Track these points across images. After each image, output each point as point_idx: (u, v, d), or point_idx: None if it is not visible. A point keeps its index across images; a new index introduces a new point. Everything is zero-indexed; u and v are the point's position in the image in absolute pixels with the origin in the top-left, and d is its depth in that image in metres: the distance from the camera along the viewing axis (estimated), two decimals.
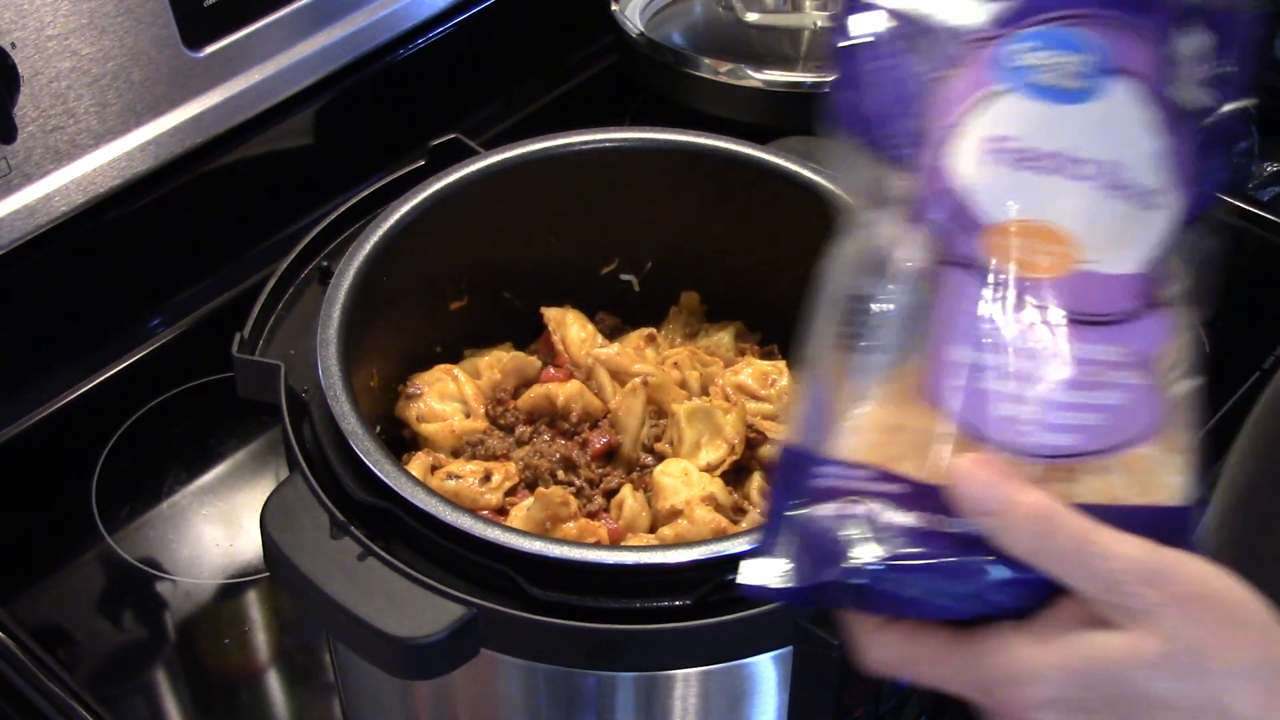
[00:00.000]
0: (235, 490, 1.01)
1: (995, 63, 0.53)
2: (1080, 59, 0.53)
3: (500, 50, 1.26)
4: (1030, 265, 0.51)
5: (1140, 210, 0.53)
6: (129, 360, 1.04)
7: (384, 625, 0.62)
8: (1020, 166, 0.52)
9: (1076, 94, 0.53)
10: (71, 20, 0.93)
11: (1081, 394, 0.51)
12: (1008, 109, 0.52)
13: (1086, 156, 0.52)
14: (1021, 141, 0.52)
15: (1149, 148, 0.54)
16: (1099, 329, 0.52)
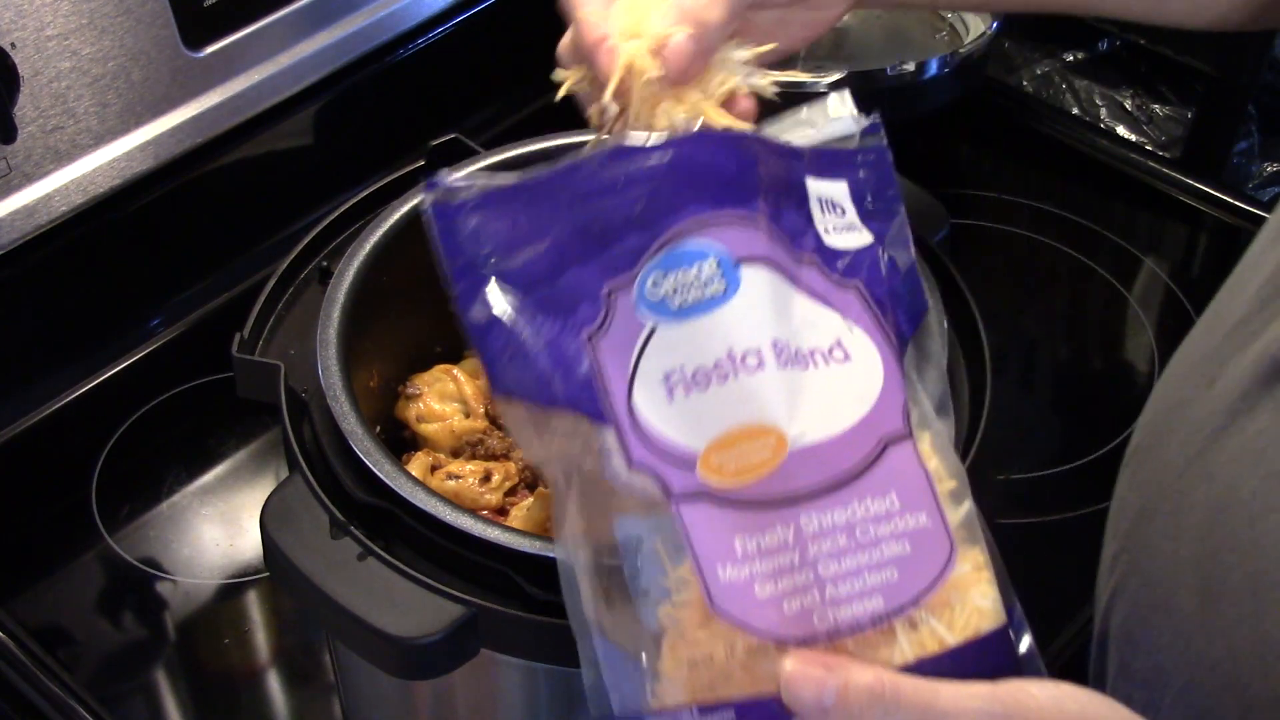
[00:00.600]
0: (235, 490, 1.01)
1: (637, 305, 0.54)
2: (704, 266, 0.54)
3: (500, 50, 1.26)
4: (750, 468, 0.52)
5: (828, 368, 0.54)
6: (129, 360, 1.04)
7: (384, 625, 0.62)
8: (699, 387, 0.53)
9: (717, 298, 0.54)
10: (71, 20, 0.93)
11: (863, 556, 0.52)
12: (666, 341, 0.53)
13: (749, 347, 0.53)
14: (689, 365, 0.53)
15: (803, 311, 0.55)
16: (846, 491, 0.52)
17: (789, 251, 0.56)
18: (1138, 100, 1.38)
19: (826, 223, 0.58)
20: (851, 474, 0.53)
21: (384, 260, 0.78)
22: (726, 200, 0.55)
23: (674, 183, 0.55)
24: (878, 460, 0.53)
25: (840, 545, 0.52)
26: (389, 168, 0.85)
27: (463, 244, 0.56)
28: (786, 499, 0.52)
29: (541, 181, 0.56)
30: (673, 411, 0.53)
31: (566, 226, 0.55)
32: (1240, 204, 1.20)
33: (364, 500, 0.67)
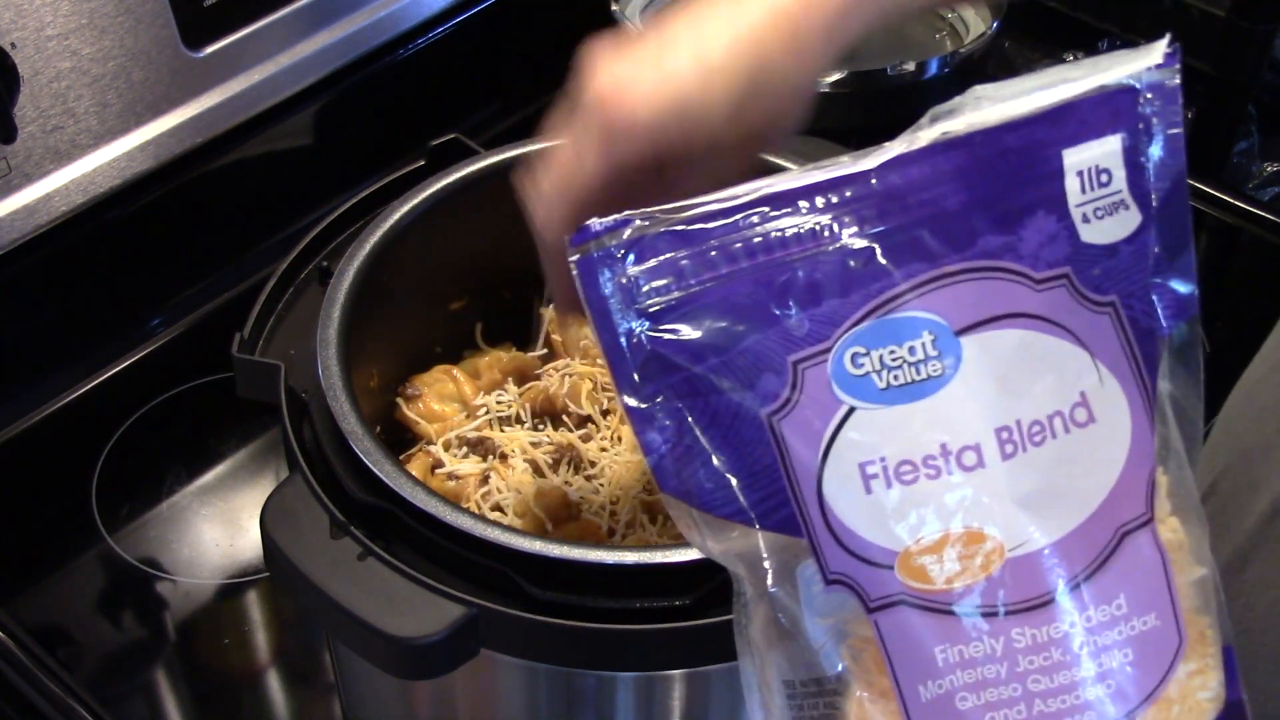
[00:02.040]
0: (235, 490, 1.01)
1: (833, 382, 0.46)
2: (918, 343, 0.46)
3: (500, 50, 1.26)
4: (958, 575, 0.46)
5: (1067, 438, 0.47)
6: (129, 360, 1.04)
7: (384, 625, 0.62)
8: (903, 482, 0.46)
9: (932, 381, 0.46)
10: (71, 20, 0.93)
11: (1080, 671, 0.46)
12: (866, 426, 0.46)
13: (967, 442, 0.46)
14: (893, 456, 0.46)
15: (1043, 359, 0.47)
16: (1069, 597, 0.46)
17: (1029, 283, 0.47)
18: None
19: (1087, 207, 0.48)
20: (1074, 581, 0.47)
21: (384, 260, 0.78)
22: (948, 249, 0.46)
23: (888, 230, 0.46)
24: (1109, 559, 0.47)
25: (1055, 660, 0.46)
26: (389, 168, 0.85)
27: (612, 306, 0.47)
28: (998, 610, 0.46)
29: (711, 226, 0.47)
30: (870, 505, 0.46)
31: (744, 284, 0.46)
32: (1240, 204, 1.20)
33: (364, 500, 0.67)
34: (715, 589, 0.63)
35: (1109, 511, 0.47)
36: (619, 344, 0.47)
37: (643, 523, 0.77)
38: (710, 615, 0.63)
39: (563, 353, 0.87)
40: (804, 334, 0.46)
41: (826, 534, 0.46)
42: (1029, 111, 0.48)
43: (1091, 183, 0.48)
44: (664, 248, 0.47)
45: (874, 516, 0.46)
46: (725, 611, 0.63)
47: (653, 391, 0.47)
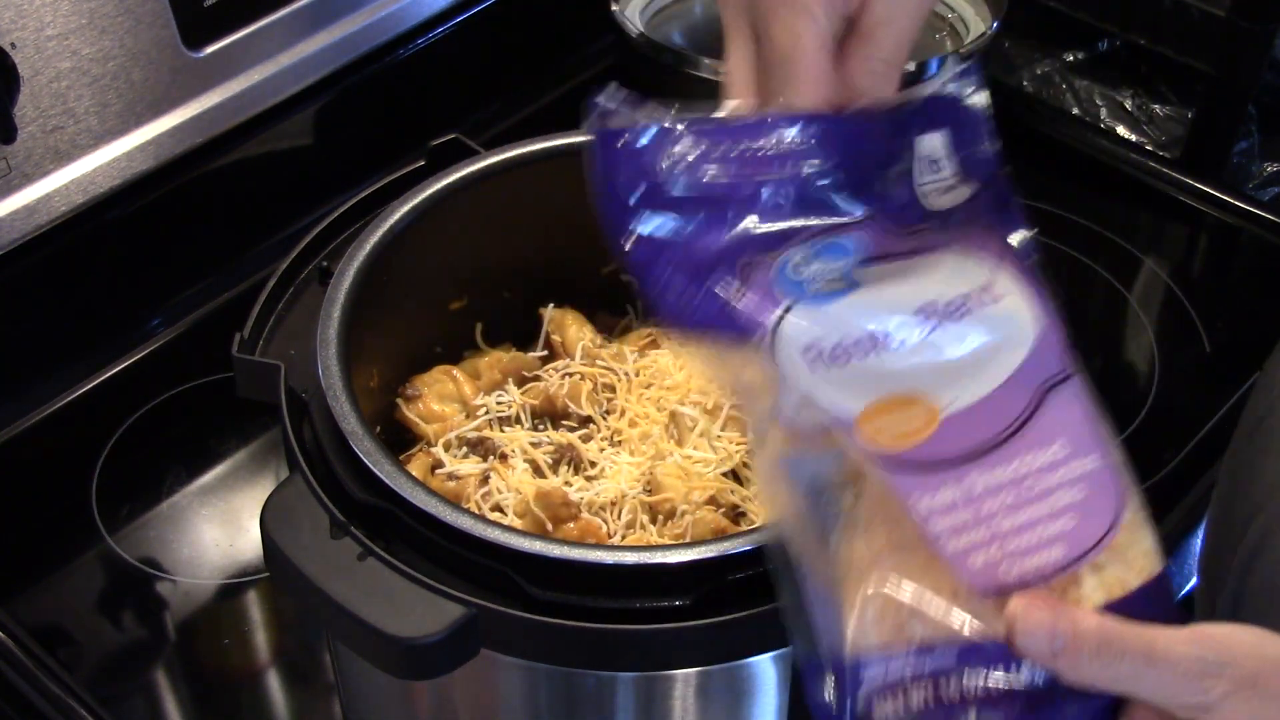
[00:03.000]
0: (235, 490, 1.01)
1: (775, 282, 0.54)
2: (842, 262, 0.55)
3: (500, 50, 1.26)
4: (906, 435, 0.52)
5: (981, 312, 0.54)
6: (129, 360, 1.04)
7: (384, 625, 0.62)
8: (839, 362, 0.53)
9: (849, 289, 0.54)
10: (71, 20, 0.93)
11: (1039, 508, 0.51)
12: (803, 319, 0.54)
13: (891, 323, 0.53)
14: (828, 341, 0.53)
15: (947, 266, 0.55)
16: (1007, 448, 0.52)
17: (904, 232, 0.56)
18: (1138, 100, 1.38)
19: (926, 187, 0.58)
20: (1010, 430, 0.52)
21: (384, 260, 0.78)
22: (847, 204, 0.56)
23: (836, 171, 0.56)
24: (1039, 409, 0.53)
25: (1011, 500, 0.51)
26: (389, 168, 0.85)
27: (624, 173, 0.58)
28: (948, 461, 0.52)
29: (722, 130, 0.57)
30: (818, 382, 0.52)
31: (722, 185, 0.56)
32: (1240, 204, 1.20)
33: (364, 500, 0.67)
34: (715, 589, 0.63)
35: (1032, 367, 0.53)
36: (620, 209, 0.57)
37: (643, 523, 0.77)
38: (710, 615, 0.63)
39: (563, 353, 0.87)
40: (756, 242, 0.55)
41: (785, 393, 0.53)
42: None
43: (926, 168, 0.58)
44: (676, 138, 0.57)
45: (823, 390, 0.53)
46: (725, 611, 0.63)
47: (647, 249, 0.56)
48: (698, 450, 0.80)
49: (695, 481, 0.78)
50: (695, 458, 0.79)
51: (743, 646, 0.66)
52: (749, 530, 0.66)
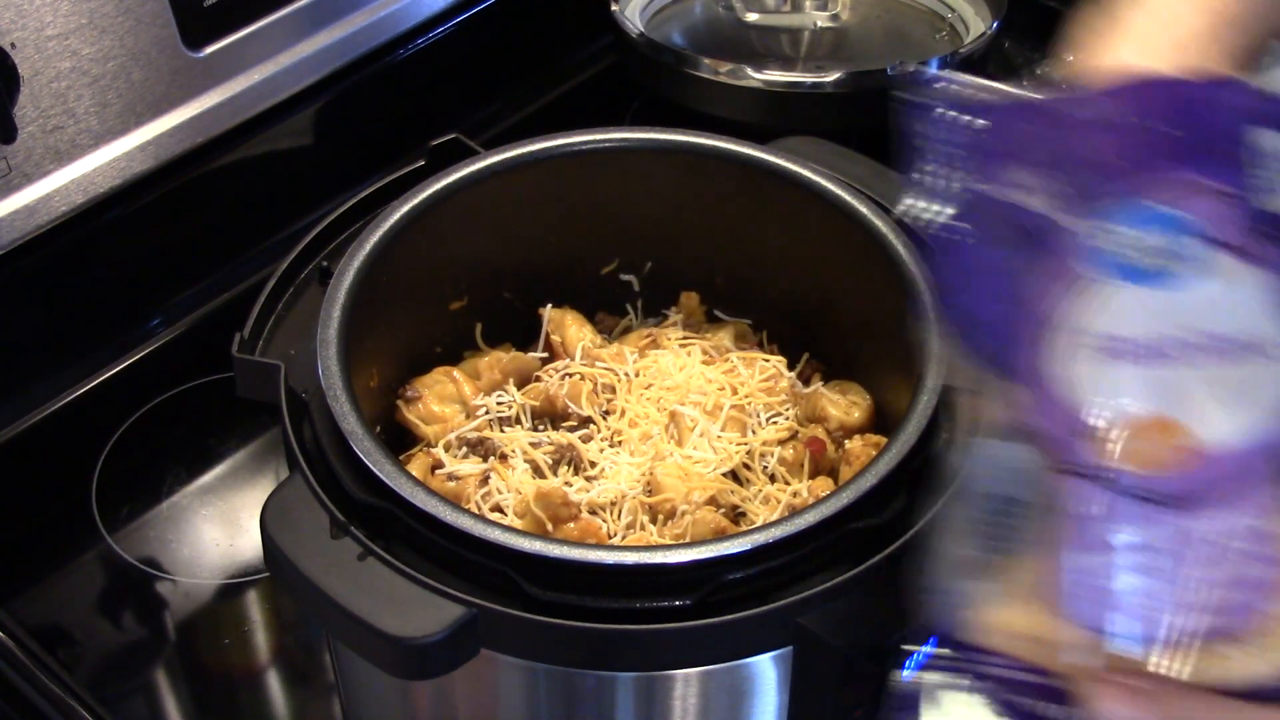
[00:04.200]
0: (235, 490, 1.01)
1: (1085, 248, 0.50)
2: (1175, 237, 0.50)
3: (500, 50, 1.26)
4: (1149, 460, 0.49)
5: (1255, 363, 0.50)
6: (129, 360, 1.04)
7: (384, 625, 0.62)
8: (1127, 359, 0.49)
9: (1179, 276, 0.50)
10: (71, 20, 0.93)
11: (1231, 570, 0.49)
12: (1108, 299, 0.50)
13: (1199, 337, 0.49)
14: (1125, 332, 0.50)
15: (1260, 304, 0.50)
16: (1223, 507, 0.49)
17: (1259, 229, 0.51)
18: None
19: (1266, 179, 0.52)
20: (1254, 485, 0.49)
21: (384, 260, 0.78)
22: (1210, 167, 0.50)
23: (1153, 132, 0.51)
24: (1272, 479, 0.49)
25: (1212, 555, 0.48)
26: (389, 168, 0.85)
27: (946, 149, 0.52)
28: (1177, 499, 0.49)
29: (1019, 106, 0.53)
30: (1090, 373, 0.50)
31: (1036, 156, 0.51)
32: None
33: (364, 500, 0.67)
34: (715, 589, 0.64)
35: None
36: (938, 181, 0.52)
37: (643, 523, 0.77)
38: (710, 615, 0.63)
39: (563, 353, 0.87)
40: (1089, 210, 0.50)
41: (1038, 393, 0.49)
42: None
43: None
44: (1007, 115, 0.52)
45: (1091, 385, 0.49)
46: (725, 611, 0.63)
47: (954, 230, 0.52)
48: (698, 450, 0.80)
49: (695, 481, 0.78)
50: (695, 458, 0.80)
51: (743, 646, 0.66)
52: (749, 530, 0.66)
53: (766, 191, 0.84)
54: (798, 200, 0.82)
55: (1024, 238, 0.51)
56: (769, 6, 1.28)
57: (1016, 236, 0.51)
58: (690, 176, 0.86)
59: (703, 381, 0.84)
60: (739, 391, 0.84)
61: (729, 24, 1.27)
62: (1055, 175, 0.51)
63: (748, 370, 0.85)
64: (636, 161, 0.86)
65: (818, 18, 1.27)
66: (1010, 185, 0.52)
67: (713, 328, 0.90)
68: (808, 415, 0.84)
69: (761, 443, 0.82)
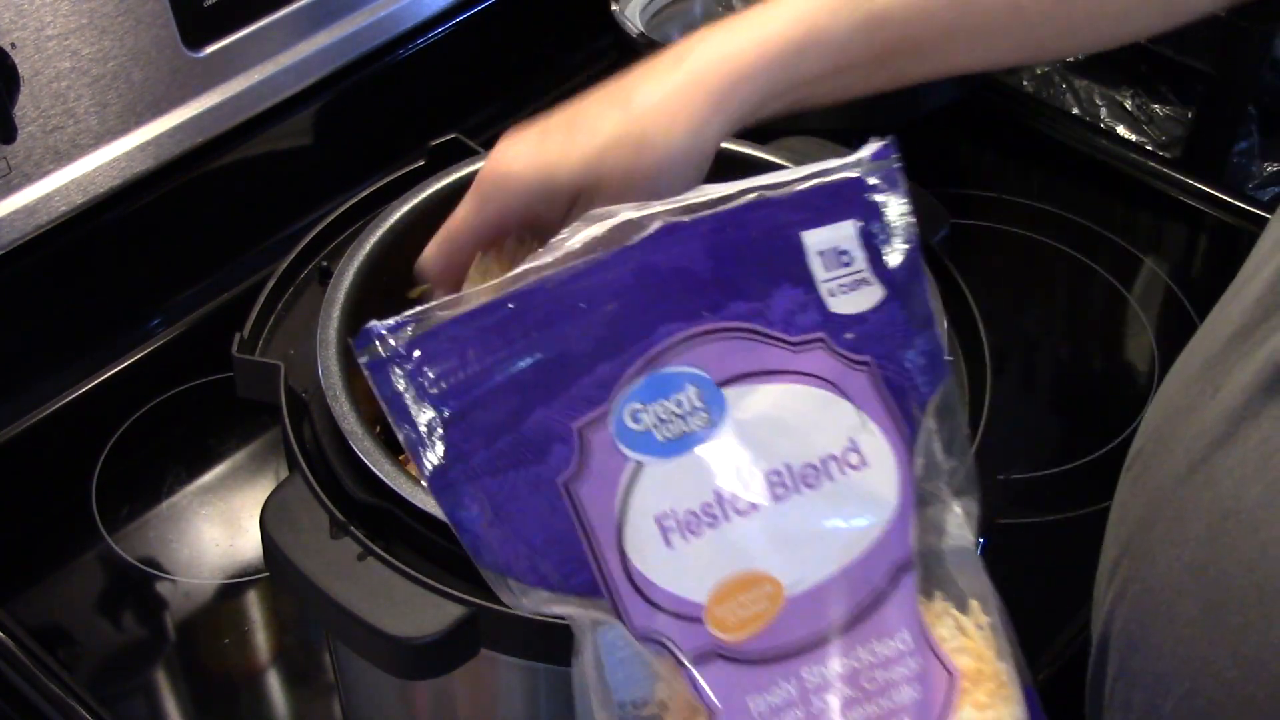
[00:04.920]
0: (235, 490, 1.01)
1: (617, 439, 0.49)
2: (685, 396, 0.49)
3: (500, 50, 1.26)
4: (749, 620, 0.48)
5: (843, 479, 0.49)
6: (129, 360, 1.04)
7: (384, 625, 0.62)
8: (693, 533, 0.48)
9: (700, 432, 0.49)
10: (71, 20, 0.93)
11: (871, 707, 0.48)
12: (655, 479, 0.48)
13: (737, 488, 0.48)
14: (681, 507, 0.48)
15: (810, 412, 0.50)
16: (849, 637, 0.48)
17: (785, 345, 0.50)
18: (1138, 100, 1.38)
19: (832, 283, 0.52)
20: (855, 616, 0.48)
21: (384, 260, 0.78)
22: (702, 308, 0.50)
23: (641, 297, 0.50)
24: (888, 594, 0.49)
25: (847, 697, 0.47)
26: (389, 168, 0.85)
27: (407, 401, 0.50)
28: (787, 652, 0.48)
29: (487, 313, 0.50)
30: (672, 558, 0.48)
31: (522, 361, 0.50)
32: (1240, 204, 1.20)
33: (364, 500, 0.67)
34: None
35: (883, 550, 0.49)
36: (417, 435, 0.50)
37: None
38: None
39: None
40: (583, 399, 0.49)
41: (632, 593, 0.48)
42: (768, 195, 0.53)
43: (833, 262, 0.52)
44: (445, 340, 0.50)
45: (677, 569, 0.48)
46: None
47: (455, 477, 0.50)
48: None
49: None
50: None
51: None
52: None
53: None
54: None
55: (534, 452, 0.49)
56: None
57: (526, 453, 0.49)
58: None
59: None
60: None
61: None
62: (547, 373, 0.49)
63: None
64: None
65: None
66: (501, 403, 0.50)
67: None
68: None
69: None
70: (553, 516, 0.49)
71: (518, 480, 0.49)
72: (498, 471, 0.49)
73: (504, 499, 0.49)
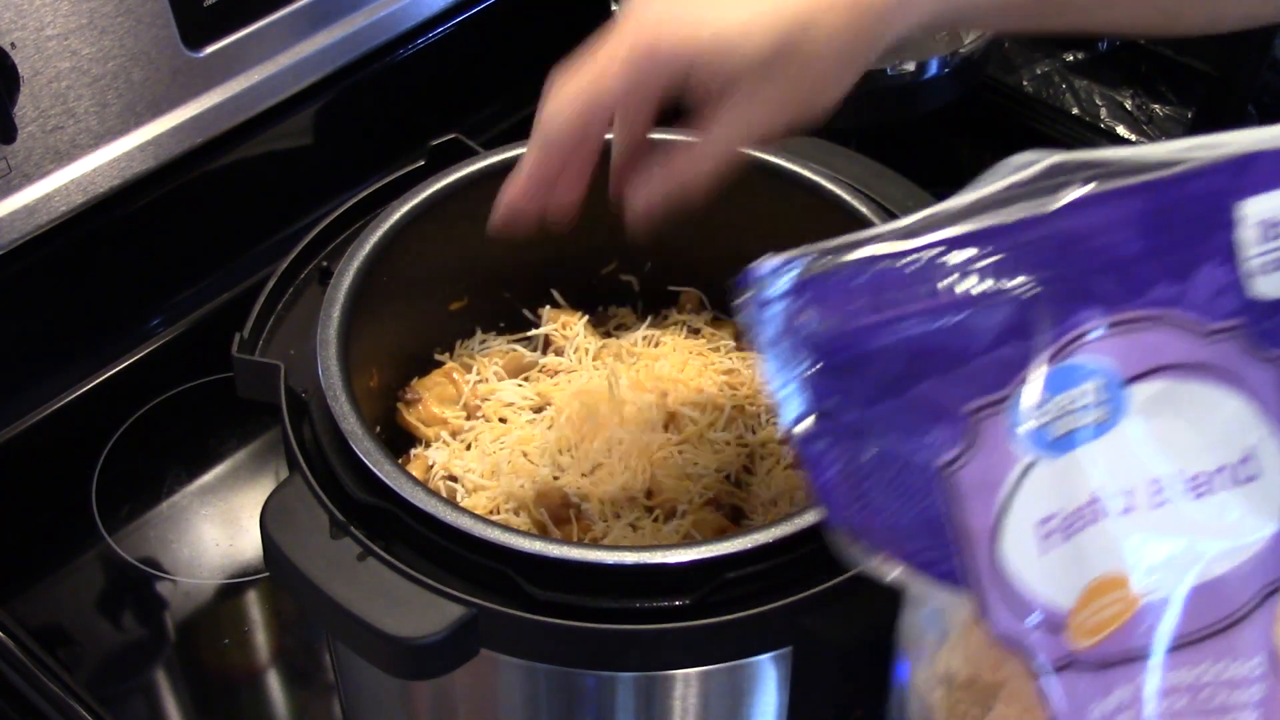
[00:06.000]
0: (235, 490, 1.01)
1: (1010, 433, 0.45)
2: (1088, 389, 0.46)
3: (500, 50, 1.26)
4: (1103, 624, 0.45)
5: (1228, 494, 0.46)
6: (129, 360, 1.04)
7: (384, 625, 0.62)
8: (1068, 536, 0.45)
9: (1095, 428, 0.45)
10: (71, 20, 0.93)
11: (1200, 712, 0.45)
12: (1044, 480, 0.45)
13: (1120, 487, 0.45)
14: (1066, 509, 0.45)
15: (1213, 417, 0.46)
16: (1204, 646, 0.46)
17: (1200, 334, 0.46)
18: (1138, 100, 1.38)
19: (1262, 258, 0.47)
20: (1211, 631, 0.46)
21: (384, 260, 0.78)
22: (1123, 292, 0.45)
23: (1061, 274, 0.45)
24: (1251, 614, 0.46)
25: (1182, 707, 0.45)
26: (389, 168, 0.85)
27: (782, 344, 0.46)
28: (1131, 657, 0.45)
29: (885, 263, 0.46)
30: (1045, 563, 0.45)
31: (919, 324, 0.45)
32: None
33: (364, 500, 0.67)
34: (715, 589, 0.63)
35: (1257, 568, 0.46)
36: (787, 380, 0.46)
37: (643, 523, 0.77)
38: (710, 615, 0.63)
39: (562, 354, 0.87)
40: (980, 380, 0.45)
41: (999, 596, 0.45)
42: (1207, 159, 0.47)
43: (1270, 234, 0.47)
44: (835, 288, 0.45)
45: (1047, 575, 0.45)
46: (725, 612, 0.63)
47: (821, 432, 0.46)
48: (698, 451, 0.80)
49: (695, 482, 0.78)
50: (695, 458, 0.79)
51: (743, 646, 0.66)
52: (749, 530, 0.66)
53: (767, 191, 0.84)
54: (798, 200, 0.82)
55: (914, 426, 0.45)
56: None
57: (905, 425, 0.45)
58: None
59: (703, 382, 0.84)
60: (739, 391, 0.84)
61: None
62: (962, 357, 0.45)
63: (748, 370, 0.85)
64: None
65: None
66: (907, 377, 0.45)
67: (713, 328, 0.90)
68: None
69: (761, 443, 0.82)
70: (922, 498, 0.45)
71: (890, 451, 0.45)
72: (869, 436, 0.45)
73: (871, 467, 0.45)
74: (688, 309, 0.91)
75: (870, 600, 0.64)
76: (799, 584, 0.64)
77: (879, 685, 0.69)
